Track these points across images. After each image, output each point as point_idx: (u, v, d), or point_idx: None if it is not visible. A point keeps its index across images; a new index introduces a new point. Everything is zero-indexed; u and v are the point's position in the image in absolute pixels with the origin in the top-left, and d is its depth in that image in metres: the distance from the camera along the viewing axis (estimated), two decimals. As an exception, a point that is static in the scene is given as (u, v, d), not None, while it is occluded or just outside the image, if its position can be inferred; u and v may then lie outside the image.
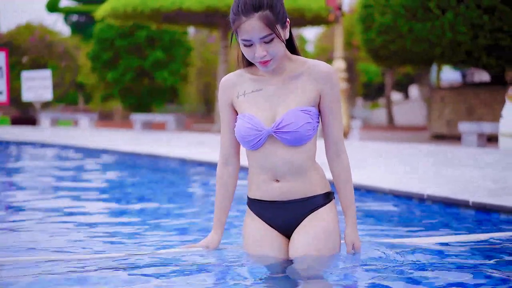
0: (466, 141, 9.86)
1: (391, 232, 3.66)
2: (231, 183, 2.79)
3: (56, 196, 5.31)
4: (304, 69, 2.61)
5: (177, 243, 3.29)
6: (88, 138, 12.11)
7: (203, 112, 26.21)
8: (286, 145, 2.58)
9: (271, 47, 2.48)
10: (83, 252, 3.08)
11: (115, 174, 7.24)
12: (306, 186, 2.63)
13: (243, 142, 2.61)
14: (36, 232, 3.66)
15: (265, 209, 2.68)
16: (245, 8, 2.44)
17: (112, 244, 3.32)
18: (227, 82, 2.69)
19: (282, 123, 2.55)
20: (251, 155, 2.66)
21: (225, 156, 2.77)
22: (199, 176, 6.97)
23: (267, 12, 2.44)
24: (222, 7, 13.39)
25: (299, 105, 2.57)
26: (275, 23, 2.45)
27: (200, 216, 4.29)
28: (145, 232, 3.68)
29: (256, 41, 2.46)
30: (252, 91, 2.63)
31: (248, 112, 2.62)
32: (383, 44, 12.64)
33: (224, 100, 2.70)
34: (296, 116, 2.55)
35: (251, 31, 2.44)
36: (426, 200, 4.45)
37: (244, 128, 2.58)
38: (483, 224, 3.85)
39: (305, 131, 2.55)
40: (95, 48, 20.13)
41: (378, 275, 2.53)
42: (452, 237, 3.35)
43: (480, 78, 25.75)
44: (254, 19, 2.43)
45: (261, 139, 2.58)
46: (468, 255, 2.93)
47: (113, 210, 4.65)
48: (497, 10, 11.17)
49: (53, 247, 3.22)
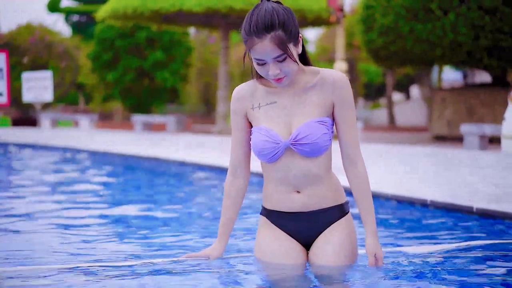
0: (467, 143, 9.82)
1: (396, 239, 3.62)
2: (240, 195, 2.78)
3: (53, 200, 5.27)
4: (317, 80, 2.61)
5: (175, 250, 3.25)
6: (88, 139, 12.08)
7: (203, 112, 26.20)
8: (304, 156, 2.59)
9: (284, 66, 2.48)
10: (81, 261, 3.04)
11: (113, 178, 7.20)
12: (325, 196, 2.65)
13: (260, 155, 2.61)
14: (33, 239, 3.61)
15: (286, 220, 2.68)
16: (258, 29, 2.43)
17: (112, 252, 3.28)
18: (241, 93, 2.67)
19: (299, 135, 2.55)
20: (268, 168, 2.66)
21: (235, 167, 2.75)
22: (199, 179, 6.94)
23: (279, 33, 2.44)
24: (222, 8, 13.34)
25: (315, 117, 2.58)
26: (287, 42, 2.45)
27: (200, 222, 4.25)
28: (143, 239, 3.65)
29: (269, 61, 2.47)
30: (267, 103, 2.63)
31: (264, 125, 2.61)
32: (384, 45, 12.61)
33: (238, 110, 2.68)
34: (312, 127, 2.56)
35: (264, 52, 2.45)
36: (429, 205, 4.42)
37: (262, 141, 2.58)
38: (488, 231, 3.82)
39: (322, 142, 2.56)
40: (95, 49, 20.11)
41: (398, 283, 2.51)
42: (455, 244, 3.32)
43: (481, 78, 25.73)
44: (266, 41, 2.43)
45: (278, 152, 2.58)
46: (481, 262, 2.90)
47: (111, 216, 4.61)
48: (499, 11, 11.14)
49: (50, 254, 3.18)
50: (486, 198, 4.43)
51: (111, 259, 3.05)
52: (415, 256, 2.99)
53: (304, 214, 2.65)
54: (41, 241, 3.56)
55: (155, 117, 16.45)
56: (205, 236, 3.68)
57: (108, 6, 15.16)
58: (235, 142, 2.72)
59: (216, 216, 4.46)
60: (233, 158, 2.74)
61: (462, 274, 2.70)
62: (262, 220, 2.77)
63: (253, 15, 2.46)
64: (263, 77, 2.63)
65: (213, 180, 6.73)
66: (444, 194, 4.64)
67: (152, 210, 4.76)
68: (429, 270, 2.73)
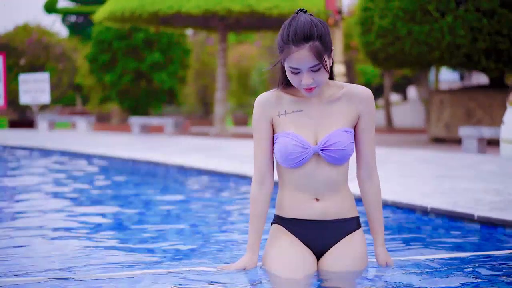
0: (466, 146, 9.81)
1: (400, 248, 3.61)
2: (268, 202, 2.79)
3: (50, 208, 5.24)
4: (343, 93, 2.71)
5: (186, 259, 3.23)
6: (84, 142, 12.05)
7: (201, 113, 26.17)
8: (329, 164, 2.67)
9: (318, 76, 2.56)
10: (73, 268, 3.02)
11: (110, 182, 7.18)
12: (343, 206, 2.73)
13: (287, 159, 2.65)
14: (32, 249, 3.57)
15: (303, 228, 2.72)
16: (296, 38, 2.51)
17: (122, 260, 3.26)
18: (267, 99, 2.71)
19: (328, 141, 2.64)
20: (289, 174, 2.70)
21: (262, 174, 2.75)
22: (198, 183, 6.92)
23: (317, 43, 2.52)
24: (220, 10, 13.31)
25: (341, 126, 2.68)
26: (323, 53, 2.54)
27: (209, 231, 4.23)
28: (142, 244, 3.62)
29: (304, 70, 2.55)
30: (293, 111, 2.69)
31: (290, 130, 2.67)
32: (382, 47, 12.60)
33: (264, 116, 2.71)
34: (340, 135, 2.65)
35: (301, 60, 2.52)
36: (430, 213, 4.40)
37: (291, 145, 2.63)
38: (489, 239, 3.80)
39: (349, 150, 2.66)
40: (93, 50, 20.07)
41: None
42: (455, 253, 3.31)
43: (478, 79, 25.73)
44: (304, 50, 2.52)
45: (306, 157, 2.64)
46: (482, 271, 2.89)
47: (106, 224, 4.59)
48: (496, 14, 11.14)
49: (50, 265, 3.15)
50: (487, 206, 4.42)
51: (125, 270, 3.03)
52: (415, 265, 2.98)
53: (322, 223, 2.71)
54: (35, 249, 3.53)
55: (152, 119, 16.41)
56: (210, 243, 3.66)
57: (105, 8, 15.13)
58: (261, 149, 2.73)
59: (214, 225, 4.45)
60: (260, 165, 2.74)
61: (460, 284, 2.69)
62: (276, 228, 2.78)
63: (291, 25, 2.54)
64: (288, 87, 2.71)
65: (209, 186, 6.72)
66: (445, 202, 4.62)
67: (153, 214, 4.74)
68: (427, 279, 2.73)
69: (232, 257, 3.22)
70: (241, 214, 4.86)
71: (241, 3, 13.19)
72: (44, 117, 18.38)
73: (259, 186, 2.75)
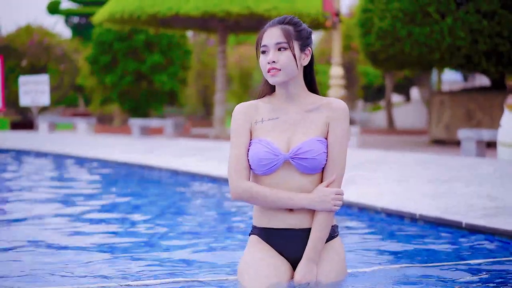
0: (465, 148, 9.73)
1: (382, 254, 3.55)
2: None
3: (48, 212, 5.19)
4: (321, 104, 2.73)
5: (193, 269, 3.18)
6: (82, 145, 12.02)
7: (202, 114, 26.13)
8: (300, 172, 2.65)
9: (283, 57, 2.64)
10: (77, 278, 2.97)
11: (109, 186, 7.14)
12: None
13: (258, 165, 2.65)
14: (31, 260, 3.48)
15: (278, 237, 2.70)
16: (273, 22, 2.71)
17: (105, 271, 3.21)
18: (247, 107, 2.75)
19: (300, 150, 2.63)
20: (262, 182, 2.69)
21: (242, 170, 2.68)
22: (197, 189, 6.88)
23: (289, 26, 2.68)
24: (219, 12, 13.27)
25: (315, 136, 2.67)
26: (293, 37, 2.66)
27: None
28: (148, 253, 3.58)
29: (271, 47, 2.65)
30: (269, 118, 2.72)
31: (264, 137, 2.68)
32: (382, 48, 12.53)
33: (245, 122, 2.73)
34: (313, 144, 2.65)
35: (269, 36, 2.67)
36: (418, 220, 4.34)
37: (262, 152, 2.64)
38: (475, 247, 3.74)
39: (321, 160, 2.64)
40: (93, 52, 20.05)
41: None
42: (446, 263, 3.26)
43: (481, 81, 25.64)
44: (275, 28, 2.68)
45: (276, 164, 2.64)
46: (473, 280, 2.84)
47: (104, 231, 4.54)
48: (497, 15, 11.06)
49: (51, 274, 3.10)
50: (479, 212, 4.36)
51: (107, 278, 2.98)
52: (398, 275, 2.92)
53: (297, 231, 2.68)
54: (35, 261, 3.45)
55: (152, 121, 16.37)
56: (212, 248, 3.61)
57: (105, 10, 15.11)
58: (242, 153, 2.68)
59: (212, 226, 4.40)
60: (244, 167, 2.68)
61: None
62: (251, 239, 2.77)
63: None
64: (268, 97, 2.77)
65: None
66: (436, 208, 4.56)
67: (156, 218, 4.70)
68: None
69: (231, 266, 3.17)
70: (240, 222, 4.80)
71: (240, 5, 13.14)
72: (45, 118, 18.36)
73: (242, 179, 2.67)
